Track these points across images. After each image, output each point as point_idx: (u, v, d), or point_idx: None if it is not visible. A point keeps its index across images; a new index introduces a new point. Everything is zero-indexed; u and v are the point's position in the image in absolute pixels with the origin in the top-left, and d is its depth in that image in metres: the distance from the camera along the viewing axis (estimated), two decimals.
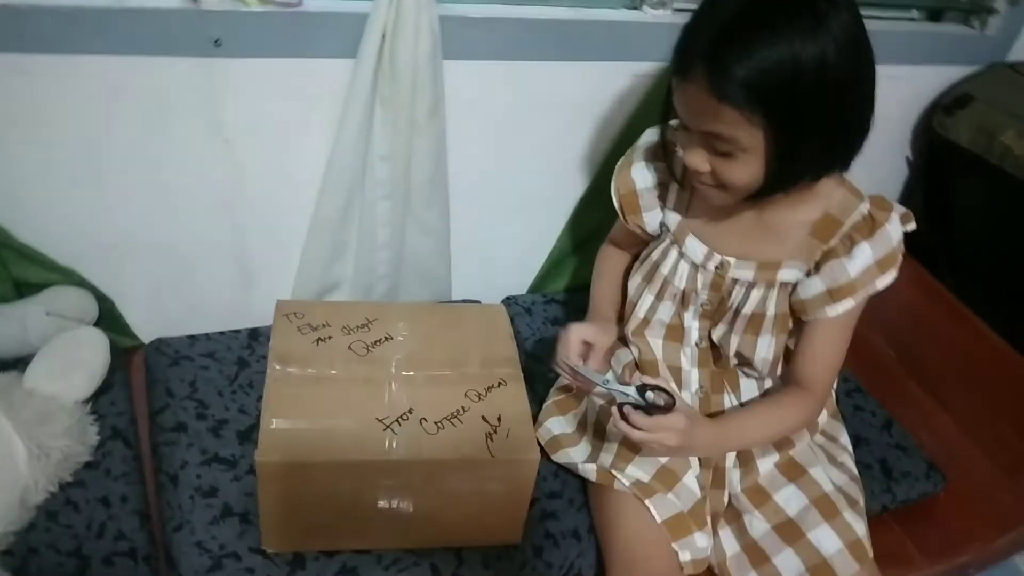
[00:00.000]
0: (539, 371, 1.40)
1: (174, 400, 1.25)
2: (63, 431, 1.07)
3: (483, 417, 1.07)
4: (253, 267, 1.40)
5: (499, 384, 1.12)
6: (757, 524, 1.16)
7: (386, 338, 1.17)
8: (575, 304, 1.56)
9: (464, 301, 1.53)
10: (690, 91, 0.91)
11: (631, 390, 1.01)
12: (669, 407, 1.00)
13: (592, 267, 1.60)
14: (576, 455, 1.20)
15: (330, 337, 1.15)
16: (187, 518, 1.09)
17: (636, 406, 1.00)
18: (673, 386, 1.08)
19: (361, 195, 1.32)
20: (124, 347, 1.36)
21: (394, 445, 1.01)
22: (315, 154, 1.27)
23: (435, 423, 1.05)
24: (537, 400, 1.30)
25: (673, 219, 1.15)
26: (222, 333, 1.38)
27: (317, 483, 1.01)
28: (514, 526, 1.12)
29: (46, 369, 1.12)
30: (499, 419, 1.07)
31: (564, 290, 1.62)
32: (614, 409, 1.00)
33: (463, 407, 1.08)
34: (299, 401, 1.04)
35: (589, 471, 1.16)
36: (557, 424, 1.25)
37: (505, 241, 1.56)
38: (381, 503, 1.04)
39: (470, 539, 1.12)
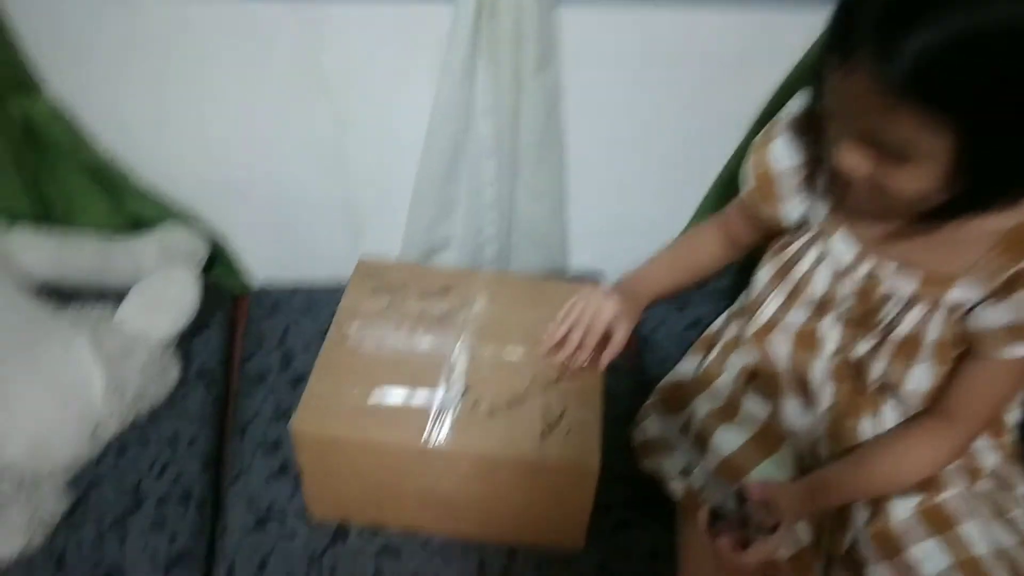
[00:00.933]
0: (652, 361, 1.24)
1: (262, 349, 1.24)
2: (141, 367, 1.09)
3: (544, 409, 0.94)
4: (362, 220, 1.35)
5: (570, 376, 0.98)
6: None
7: (461, 309, 1.06)
8: (711, 288, 1.37)
9: (583, 274, 1.39)
10: (850, 82, 0.68)
11: (728, 493, 0.86)
12: (772, 528, 0.84)
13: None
14: (668, 466, 1.04)
15: (403, 302, 1.07)
16: (245, 470, 1.07)
17: (732, 518, 0.85)
18: (778, 497, 0.87)
19: (465, 152, 1.22)
20: (237, 291, 1.38)
21: (436, 433, 0.91)
22: (419, 107, 1.19)
23: (490, 409, 0.94)
24: (638, 400, 1.14)
25: (819, 210, 0.93)
26: (325, 288, 1.35)
27: (350, 459, 0.94)
28: (576, 532, 0.99)
29: (135, 305, 1.14)
30: (561, 415, 0.94)
31: None
32: (701, 520, 0.86)
33: (526, 394, 0.96)
34: (352, 367, 0.98)
35: (676, 490, 1.00)
36: (656, 425, 1.09)
37: (635, 210, 1.39)
38: (420, 487, 0.95)
39: (526, 537, 1.00)
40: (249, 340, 1.26)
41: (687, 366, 1.16)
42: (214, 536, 1.02)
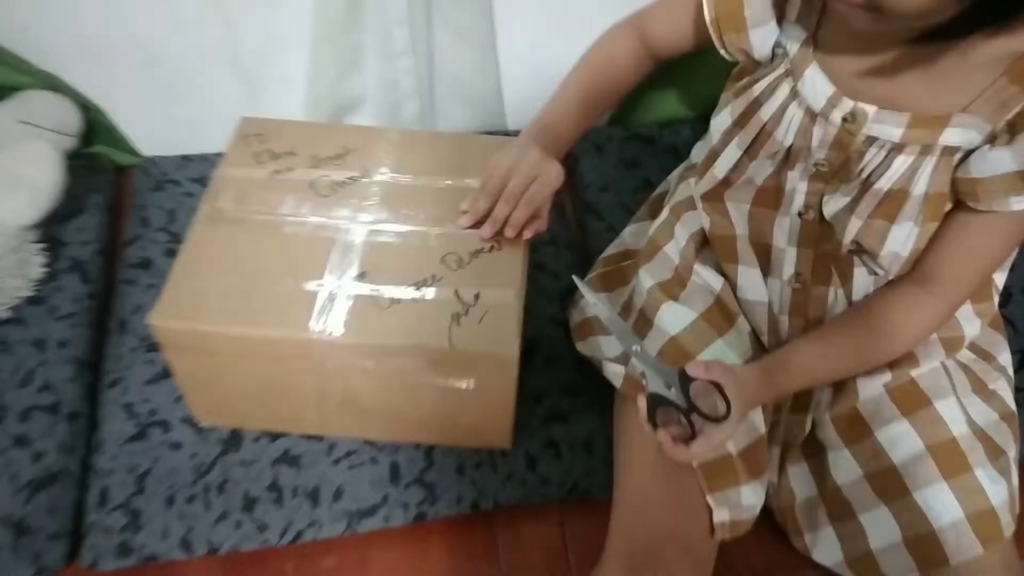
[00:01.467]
0: (596, 229, 1.09)
1: (147, 231, 1.07)
2: None
3: (456, 292, 0.79)
4: (256, 78, 1.15)
5: (491, 249, 0.83)
6: (845, 466, 0.83)
7: (361, 176, 0.89)
8: (667, 143, 1.20)
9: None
10: None
11: (671, 378, 0.72)
12: (721, 417, 0.70)
13: (696, 91, 1.22)
14: (606, 347, 0.90)
15: (291, 169, 0.90)
16: (123, 373, 0.93)
17: (675, 407, 0.72)
18: (729, 382, 0.73)
19: None
20: (120, 164, 1.19)
21: (323, 320, 0.76)
22: None
23: (391, 296, 0.79)
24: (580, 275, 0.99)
25: (794, 38, 0.74)
26: (220, 155, 1.16)
27: (227, 358, 0.80)
28: (500, 429, 0.87)
29: None
30: (476, 297, 0.79)
31: (655, 124, 1.25)
32: (641, 409, 0.72)
33: (434, 275, 0.80)
34: (225, 251, 0.82)
35: (614, 374, 0.86)
36: (598, 302, 0.94)
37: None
38: (315, 387, 0.81)
39: (446, 438, 0.88)
40: (132, 222, 1.09)
41: (632, 234, 1.01)
42: (89, 452, 0.89)
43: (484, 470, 0.87)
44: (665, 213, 0.94)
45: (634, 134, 1.22)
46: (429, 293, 0.79)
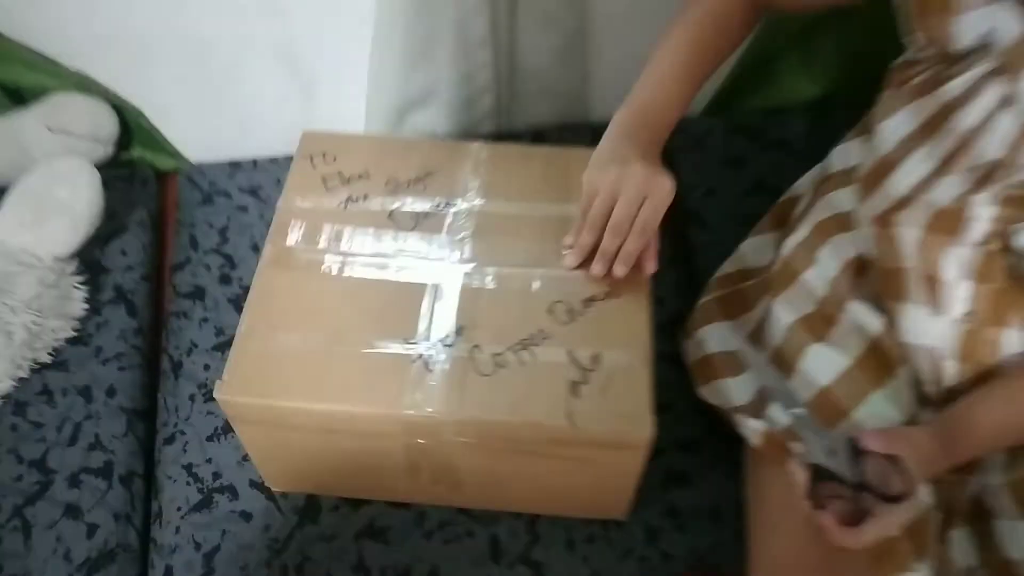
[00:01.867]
0: (704, 243, 0.95)
1: (197, 253, 0.95)
2: (31, 298, 0.81)
3: (571, 354, 0.67)
4: (310, 73, 1.01)
5: (606, 296, 0.70)
6: (1021, 538, 0.70)
7: (447, 204, 0.76)
8: (774, 136, 1.05)
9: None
10: None
11: (838, 444, 0.60)
12: (899, 496, 0.58)
13: (815, 68, 1.06)
14: (736, 393, 0.77)
15: (366, 196, 0.77)
16: (181, 427, 0.82)
17: (841, 481, 0.60)
18: (910, 453, 0.61)
19: None
20: (163, 169, 1.07)
21: (418, 392, 0.64)
22: None
23: (494, 355, 0.66)
24: (687, 298, 0.87)
25: (1009, 27, 0.59)
26: (273, 160, 1.04)
27: (303, 432, 0.68)
28: (619, 502, 0.75)
29: (14, 214, 0.85)
30: (595, 360, 0.66)
31: (767, 110, 1.09)
32: (799, 483, 0.61)
33: (542, 331, 0.68)
34: (297, 303, 0.70)
35: (751, 431, 0.74)
36: (716, 335, 0.81)
37: None
38: (406, 461, 0.70)
39: (554, 509, 0.77)
40: (180, 243, 0.97)
41: (754, 249, 0.87)
42: (147, 522, 0.79)
43: (598, 545, 0.76)
44: (804, 232, 0.79)
45: (738, 126, 1.07)
46: (539, 354, 0.67)
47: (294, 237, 0.74)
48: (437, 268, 0.72)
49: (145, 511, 0.80)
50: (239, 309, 0.89)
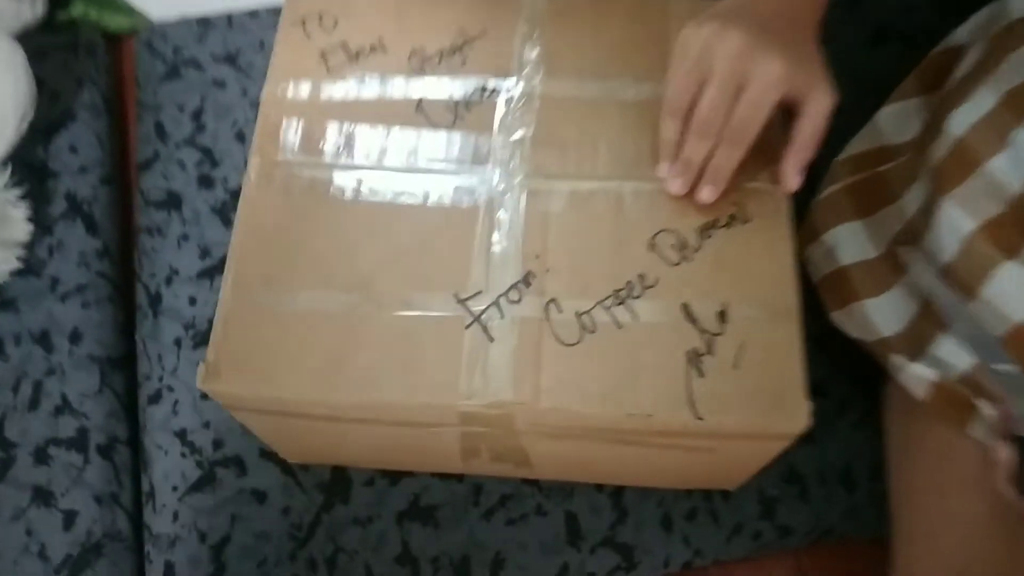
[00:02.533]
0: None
1: (167, 147, 0.75)
2: None
3: (687, 308, 0.48)
4: None
5: (730, 221, 0.50)
6: None
7: (495, 88, 0.55)
8: None
9: None
10: None
11: None
12: None
13: None
14: (882, 319, 0.58)
15: (383, 78, 0.55)
16: (168, 381, 0.66)
17: None
18: None
19: None
20: (115, 33, 0.84)
21: (478, 373, 0.46)
22: None
23: (579, 315, 0.48)
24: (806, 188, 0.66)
25: None
26: (253, 15, 0.80)
27: (323, 423, 0.51)
28: (734, 477, 0.59)
29: None
30: (721, 317, 0.47)
31: None
32: (1002, 465, 0.45)
33: (642, 276, 0.49)
34: (295, 243, 0.50)
35: (916, 379, 0.56)
36: (849, 238, 0.61)
37: None
38: (457, 446, 0.53)
39: (647, 482, 0.61)
40: (145, 133, 0.76)
41: (894, 119, 0.65)
42: (138, 504, 0.64)
43: (701, 521, 0.60)
44: (988, 102, 0.57)
45: None
46: (642, 311, 0.48)
47: (288, 144, 0.53)
48: (488, 184, 0.52)
49: (135, 488, 0.65)
50: (227, 222, 0.70)
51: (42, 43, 0.75)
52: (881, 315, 0.58)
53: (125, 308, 0.71)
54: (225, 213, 0.71)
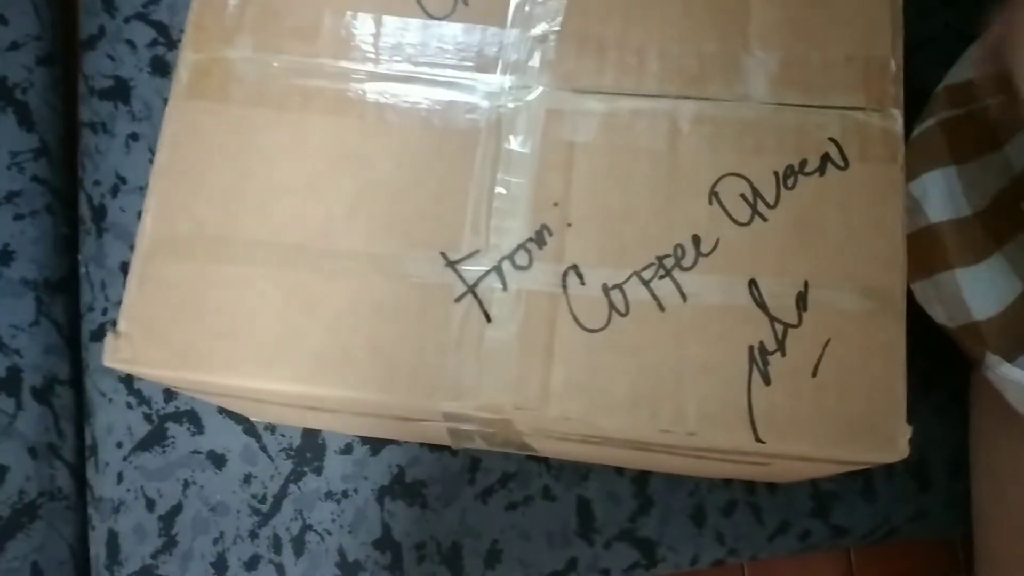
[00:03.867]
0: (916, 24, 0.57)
1: (115, 21, 0.61)
2: None
3: (752, 286, 0.35)
4: None
5: (821, 167, 0.37)
6: None
7: None
8: None
9: None
10: None
11: None
12: None
13: None
14: (974, 293, 0.46)
15: None
16: (112, 314, 0.55)
17: None
18: None
19: None
20: None
21: (466, 369, 0.35)
22: None
23: (607, 288, 0.36)
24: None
25: None
26: None
27: (278, 406, 0.41)
28: (783, 478, 0.48)
29: None
30: (800, 302, 0.35)
31: None
32: None
33: (698, 238, 0.36)
34: (239, 174, 0.38)
35: (1012, 383, 0.44)
36: (942, 189, 0.48)
37: None
38: (443, 433, 0.43)
39: (680, 471, 0.50)
40: (87, 4, 0.62)
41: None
42: (80, 460, 0.55)
43: (740, 517, 0.50)
44: None
45: None
46: (692, 286, 0.35)
47: (231, 34, 0.40)
48: (495, 99, 0.38)
49: (79, 437, 0.56)
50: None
51: None
52: (975, 290, 0.46)
53: (67, 220, 0.60)
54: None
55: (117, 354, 0.36)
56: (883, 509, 0.51)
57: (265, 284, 0.36)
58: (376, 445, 0.52)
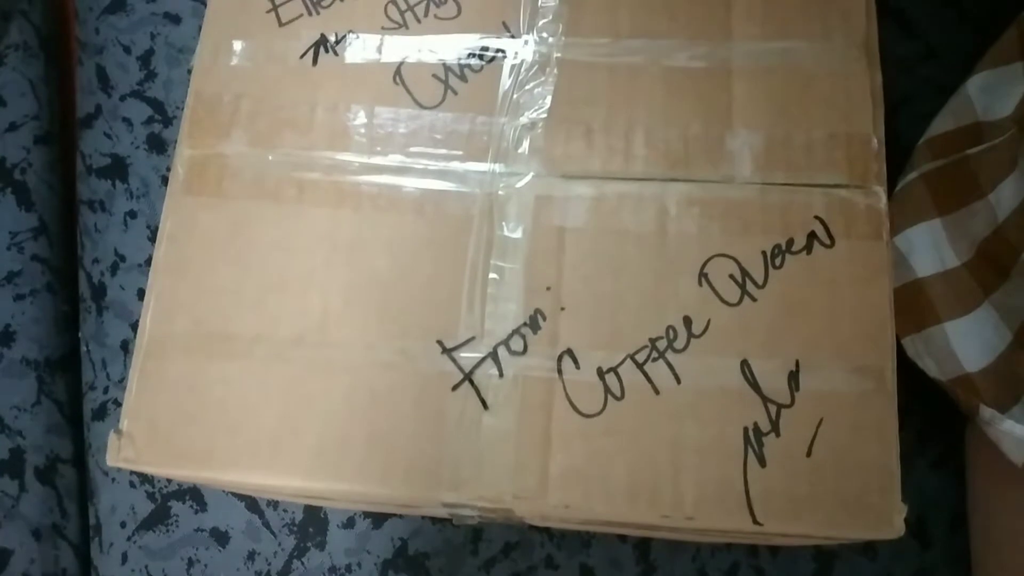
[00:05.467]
0: (902, 56, 0.59)
1: (111, 99, 0.62)
2: None
3: (745, 366, 0.36)
4: None
5: (809, 243, 0.38)
6: None
7: (495, 47, 0.41)
8: None
9: None
10: None
11: None
12: None
13: None
14: (965, 349, 0.46)
15: (346, 35, 0.42)
16: (114, 393, 0.56)
17: None
18: None
19: None
20: None
21: (465, 460, 0.35)
22: None
23: (602, 372, 0.36)
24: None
25: None
26: None
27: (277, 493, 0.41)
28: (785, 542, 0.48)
29: None
30: (792, 380, 0.36)
31: None
32: None
33: (689, 320, 0.37)
34: (237, 268, 0.39)
35: (1008, 436, 0.44)
36: (924, 239, 0.48)
37: None
38: (440, 511, 0.43)
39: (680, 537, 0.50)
40: (84, 80, 0.63)
41: (986, 89, 0.51)
42: (85, 540, 0.55)
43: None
44: None
45: None
46: (685, 368, 0.36)
47: (226, 130, 0.41)
48: (487, 186, 0.39)
49: (82, 514, 0.56)
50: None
51: None
52: (965, 342, 0.46)
53: (68, 299, 0.60)
54: None
55: (120, 454, 0.36)
56: (884, 569, 0.51)
57: (264, 378, 0.37)
58: (378, 518, 0.52)
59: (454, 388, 0.36)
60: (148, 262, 0.55)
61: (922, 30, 0.59)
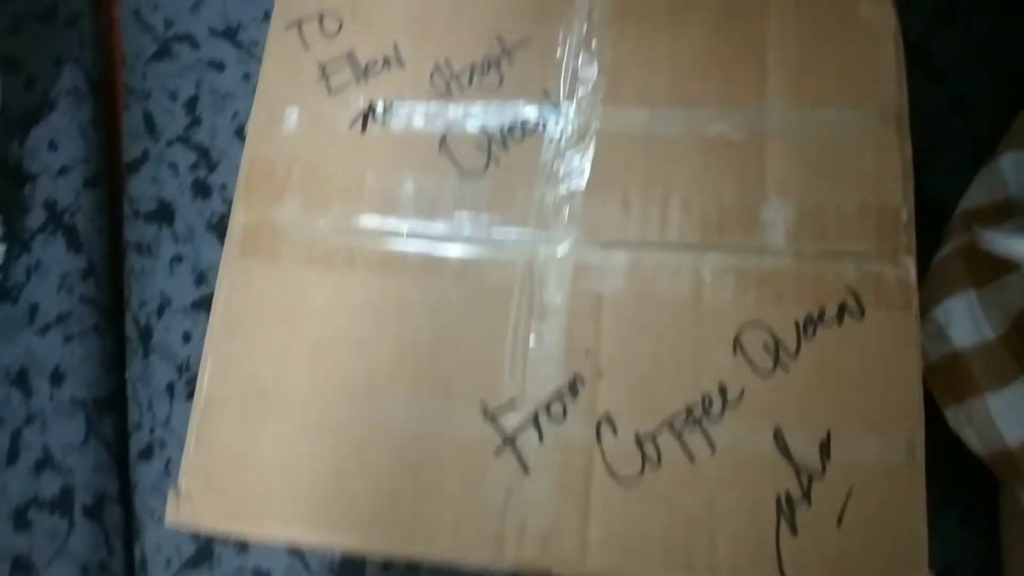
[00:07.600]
0: (942, 135, 0.59)
1: (157, 144, 0.64)
2: None
3: (778, 435, 0.37)
4: None
5: (839, 317, 0.39)
6: None
7: (539, 117, 0.43)
8: None
9: None
10: None
11: None
12: None
13: None
14: (1004, 418, 0.47)
15: (392, 106, 0.44)
16: (160, 434, 0.57)
17: None
18: None
19: None
20: None
21: (508, 521, 0.37)
22: None
23: (639, 439, 0.37)
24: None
25: None
26: None
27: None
28: None
29: None
30: (824, 451, 0.37)
31: None
32: None
33: (724, 388, 0.38)
34: (290, 334, 0.40)
35: None
36: (961, 311, 0.49)
37: None
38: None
39: None
40: (131, 126, 0.66)
41: (1019, 164, 0.52)
42: (132, 565, 0.57)
43: None
44: None
45: None
46: (720, 437, 0.37)
47: (283, 195, 0.43)
48: (528, 254, 0.41)
49: (127, 550, 0.58)
50: (224, 240, 0.60)
51: (14, 11, 0.64)
52: (1005, 415, 0.46)
53: (114, 337, 0.62)
54: (222, 229, 0.61)
55: (179, 512, 0.38)
56: None
57: (315, 437, 0.39)
58: (414, 562, 0.53)
59: (496, 454, 0.38)
60: (193, 305, 0.58)
61: (951, 78, 0.60)
